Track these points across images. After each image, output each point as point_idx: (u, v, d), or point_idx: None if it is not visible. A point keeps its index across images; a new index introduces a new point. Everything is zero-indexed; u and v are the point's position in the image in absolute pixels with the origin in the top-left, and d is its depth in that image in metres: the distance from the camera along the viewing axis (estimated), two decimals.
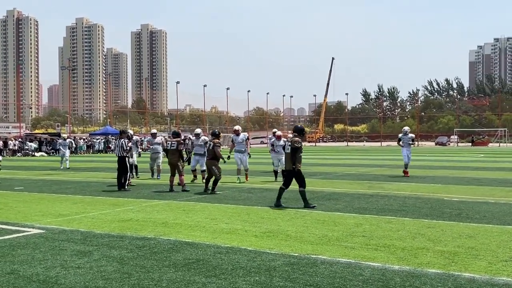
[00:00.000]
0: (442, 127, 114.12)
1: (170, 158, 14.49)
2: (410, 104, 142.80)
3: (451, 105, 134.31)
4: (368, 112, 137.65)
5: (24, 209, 11.08)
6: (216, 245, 7.20)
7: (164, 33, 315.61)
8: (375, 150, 56.66)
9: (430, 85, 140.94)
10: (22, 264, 6.26)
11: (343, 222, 9.03)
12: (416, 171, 21.71)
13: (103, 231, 8.37)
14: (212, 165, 13.79)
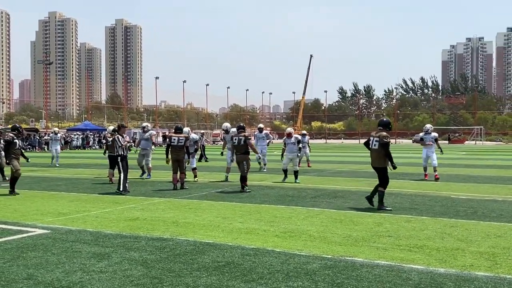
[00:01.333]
0: (418, 125, 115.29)
1: (176, 155, 13.90)
2: (385, 102, 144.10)
3: (426, 103, 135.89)
4: (345, 110, 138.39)
5: (19, 208, 10.49)
6: (240, 246, 6.79)
7: (139, 29, 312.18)
8: (357, 148, 56.70)
9: (405, 84, 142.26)
10: (38, 268, 5.77)
11: (361, 221, 8.71)
12: (408, 168, 21.61)
13: (113, 231, 7.89)
14: (244, 159, 13.29)
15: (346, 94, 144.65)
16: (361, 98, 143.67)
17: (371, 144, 10.47)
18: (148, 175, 16.87)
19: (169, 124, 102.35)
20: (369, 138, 10.65)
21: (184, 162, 13.88)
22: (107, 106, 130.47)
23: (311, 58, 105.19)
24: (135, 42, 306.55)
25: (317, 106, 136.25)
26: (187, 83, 78.20)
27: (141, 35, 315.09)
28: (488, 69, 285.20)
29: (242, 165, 13.29)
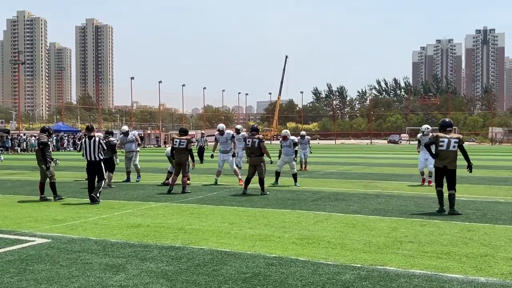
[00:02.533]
0: (391, 125, 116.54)
1: (178, 158, 13.43)
2: (359, 103, 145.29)
3: (398, 104, 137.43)
4: (319, 110, 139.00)
5: (9, 214, 9.91)
6: (260, 255, 6.42)
7: (110, 28, 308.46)
8: (335, 148, 56.84)
9: (378, 84, 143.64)
10: (50, 283, 5.30)
11: (375, 226, 8.42)
12: (394, 169, 21.52)
13: (119, 239, 7.43)
14: (260, 162, 12.93)
15: (320, 95, 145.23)
16: (334, 99, 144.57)
17: (447, 146, 10.03)
18: (138, 177, 16.33)
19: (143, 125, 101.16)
20: (437, 139, 10.13)
21: (186, 166, 13.40)
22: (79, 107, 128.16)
23: (286, 59, 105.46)
24: (106, 42, 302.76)
25: (291, 107, 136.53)
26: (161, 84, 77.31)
27: (112, 35, 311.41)
28: (457, 71, 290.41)
29: (259, 167, 12.88)
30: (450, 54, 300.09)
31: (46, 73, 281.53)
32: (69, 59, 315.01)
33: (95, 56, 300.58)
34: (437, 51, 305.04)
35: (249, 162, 13.14)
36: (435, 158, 10.30)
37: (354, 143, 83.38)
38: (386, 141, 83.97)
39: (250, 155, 13.11)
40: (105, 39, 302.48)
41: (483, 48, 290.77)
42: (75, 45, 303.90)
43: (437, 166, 10.25)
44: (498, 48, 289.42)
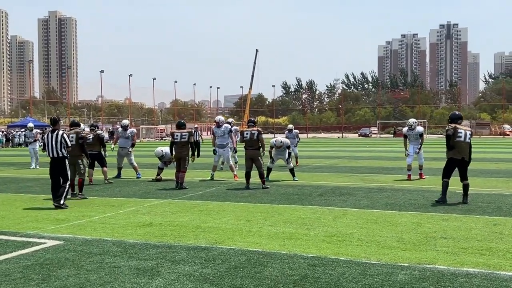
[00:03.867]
0: (359, 119, 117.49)
1: (178, 152, 12.92)
2: (328, 97, 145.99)
3: (366, 98, 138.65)
4: (288, 104, 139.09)
5: (7, 214, 9.29)
6: (297, 255, 6.07)
7: (74, 21, 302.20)
8: (310, 142, 56.89)
9: (347, 78, 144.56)
10: None
11: (397, 222, 8.17)
12: (381, 162, 21.44)
13: (137, 240, 6.97)
14: (258, 155, 12.61)
15: (289, 89, 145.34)
16: (303, 93, 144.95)
17: (465, 137, 10.10)
18: (138, 174, 15.67)
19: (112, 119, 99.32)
20: (455, 130, 10.14)
21: (186, 160, 12.92)
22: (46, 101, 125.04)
23: (256, 52, 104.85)
24: (70, 35, 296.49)
25: (261, 101, 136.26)
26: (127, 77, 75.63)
27: (76, 28, 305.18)
28: (422, 65, 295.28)
29: (258, 161, 12.57)
30: (415, 49, 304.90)
31: (8, 67, 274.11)
32: (32, 52, 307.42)
33: (59, 49, 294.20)
34: (402, 46, 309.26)
35: (247, 155, 12.77)
36: (451, 150, 10.23)
37: (325, 137, 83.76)
38: (357, 135, 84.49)
39: (248, 148, 12.75)
40: (68, 32, 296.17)
41: (447, 42, 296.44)
42: (38, 38, 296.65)
43: (454, 158, 10.23)
44: (461, 42, 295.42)
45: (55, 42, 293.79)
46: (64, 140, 10.12)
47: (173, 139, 13.04)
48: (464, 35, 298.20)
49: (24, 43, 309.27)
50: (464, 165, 10.16)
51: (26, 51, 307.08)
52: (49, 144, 10.11)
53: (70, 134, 11.43)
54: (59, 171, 10.09)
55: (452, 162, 10.27)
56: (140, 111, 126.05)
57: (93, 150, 13.93)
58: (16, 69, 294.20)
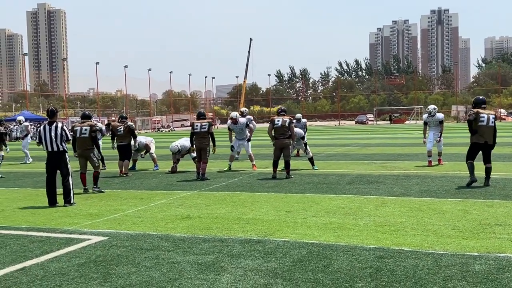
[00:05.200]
0: (354, 106, 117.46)
1: (199, 142, 12.69)
2: (322, 85, 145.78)
3: (360, 85, 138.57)
4: (282, 93, 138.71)
5: (37, 210, 9.00)
6: (359, 247, 5.85)
7: (63, 13, 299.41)
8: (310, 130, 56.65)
9: (340, 66, 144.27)
10: None
11: (441, 209, 7.97)
12: (394, 149, 21.29)
13: (183, 234, 6.73)
14: (289, 144, 12.43)
15: (283, 77, 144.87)
16: (297, 81, 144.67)
17: (487, 121, 10.22)
18: (156, 166, 15.42)
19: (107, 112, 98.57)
20: (478, 115, 10.29)
21: (207, 151, 12.68)
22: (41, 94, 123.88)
23: (250, 41, 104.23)
24: (60, 27, 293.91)
25: (255, 90, 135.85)
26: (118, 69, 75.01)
27: (65, 20, 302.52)
28: (413, 51, 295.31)
29: (287, 150, 12.36)
30: (406, 35, 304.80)
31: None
32: (21, 46, 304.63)
33: (49, 42, 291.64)
34: (393, 32, 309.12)
35: (277, 144, 12.51)
36: (474, 134, 10.38)
37: (322, 125, 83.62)
38: (354, 122, 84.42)
39: (278, 137, 12.48)
40: (58, 24, 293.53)
41: (438, 28, 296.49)
42: (27, 31, 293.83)
43: (477, 142, 10.37)
44: (452, 28, 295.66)
45: (44, 35, 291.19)
46: (64, 133, 9.45)
47: (193, 130, 12.79)
48: (455, 20, 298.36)
49: (13, 36, 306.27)
50: (487, 149, 10.31)
51: (16, 44, 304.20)
52: (47, 137, 9.38)
53: (84, 127, 11.12)
54: (58, 165, 9.43)
55: (475, 146, 10.40)
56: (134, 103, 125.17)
57: (123, 142, 13.80)
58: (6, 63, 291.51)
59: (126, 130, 13.92)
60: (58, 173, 9.55)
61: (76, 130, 11.07)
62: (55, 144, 9.37)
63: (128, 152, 13.93)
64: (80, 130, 11.05)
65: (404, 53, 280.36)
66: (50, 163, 9.47)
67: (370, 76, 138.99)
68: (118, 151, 14.16)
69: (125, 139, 13.94)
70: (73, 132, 10.92)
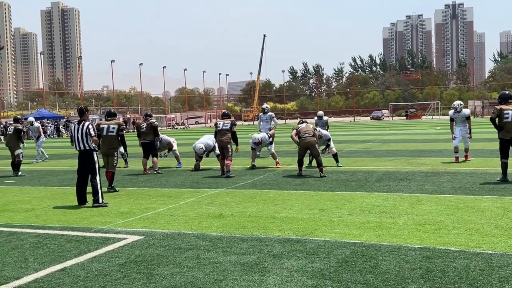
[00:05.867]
0: (368, 102, 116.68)
1: (220, 140, 12.74)
2: (335, 81, 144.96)
3: (374, 81, 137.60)
4: (295, 89, 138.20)
5: (68, 209, 8.96)
6: (404, 246, 5.70)
7: (77, 11, 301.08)
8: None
9: (354, 62, 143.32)
10: None
11: (480, 207, 7.79)
12: (417, 145, 21.05)
13: (219, 233, 6.63)
14: (316, 143, 12.27)
15: (296, 74, 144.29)
16: (311, 77, 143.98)
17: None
18: (179, 163, 15.39)
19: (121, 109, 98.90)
20: (501, 111, 10.31)
21: (229, 149, 12.65)
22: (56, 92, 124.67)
23: (264, 38, 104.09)
24: (73, 26, 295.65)
25: (268, 86, 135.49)
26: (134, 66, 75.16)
27: (79, 18, 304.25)
28: (427, 46, 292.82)
29: (313, 149, 12.22)
30: (420, 30, 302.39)
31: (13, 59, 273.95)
32: (36, 44, 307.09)
33: (63, 41, 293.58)
34: (407, 27, 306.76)
35: (301, 143, 12.37)
36: (500, 130, 10.39)
37: (337, 121, 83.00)
38: (369, 118, 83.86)
39: (304, 134, 12.37)
40: (71, 22, 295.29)
41: (452, 22, 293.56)
42: (41, 30, 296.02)
43: (503, 138, 10.39)
44: (467, 22, 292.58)
45: (58, 33, 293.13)
46: (88, 132, 9.24)
47: (216, 129, 12.96)
48: (469, 14, 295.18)
49: (28, 35, 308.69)
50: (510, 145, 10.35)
51: (30, 43, 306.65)
52: (77, 136, 9.28)
53: (111, 125, 11.06)
54: (86, 165, 9.28)
55: (502, 143, 10.44)
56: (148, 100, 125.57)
57: (146, 139, 13.79)
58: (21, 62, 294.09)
59: (148, 127, 13.90)
60: None
61: (103, 128, 11.01)
62: (81, 143, 9.26)
63: (152, 149, 13.88)
64: (108, 129, 10.99)
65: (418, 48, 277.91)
66: (80, 162, 9.37)
67: (385, 72, 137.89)
68: (142, 149, 14.13)
69: (148, 136, 13.92)
70: (98, 130, 10.80)
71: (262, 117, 18.24)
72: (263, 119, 18.30)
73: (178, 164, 15.36)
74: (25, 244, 6.39)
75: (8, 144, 15.16)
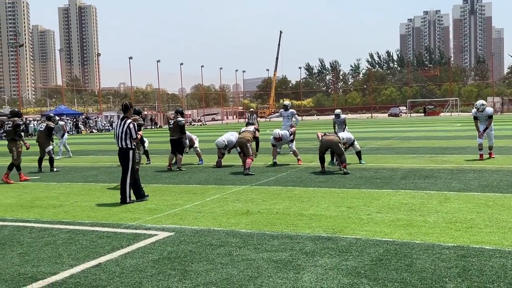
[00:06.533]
0: (385, 98, 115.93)
1: (240, 138, 12.95)
2: (352, 77, 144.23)
3: (392, 77, 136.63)
4: (312, 86, 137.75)
5: (96, 205, 9.03)
6: (435, 244, 5.67)
7: (94, 8, 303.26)
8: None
9: (371, 58, 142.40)
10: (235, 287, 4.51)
11: (509, 205, 7.72)
12: (439, 142, 20.88)
13: (249, 230, 6.63)
14: (338, 142, 12.23)
15: (312, 70, 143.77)
16: (327, 74, 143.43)
17: None
18: (200, 160, 15.51)
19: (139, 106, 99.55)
20: None
21: (248, 147, 12.72)
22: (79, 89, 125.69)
23: (280, 34, 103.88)
24: (90, 23, 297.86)
25: (285, 83, 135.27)
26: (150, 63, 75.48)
27: (96, 16, 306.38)
28: (445, 42, 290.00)
29: (336, 148, 12.17)
30: (438, 25, 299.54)
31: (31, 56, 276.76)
32: (53, 41, 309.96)
33: (80, 38, 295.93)
34: (424, 23, 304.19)
35: (323, 141, 12.34)
36: None
37: (354, 118, 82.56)
38: (387, 115, 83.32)
39: (325, 134, 12.39)
40: (89, 20, 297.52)
41: (471, 18, 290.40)
42: (59, 27, 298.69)
43: None
44: (486, 17, 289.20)
45: (76, 31, 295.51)
46: (129, 131, 9.06)
47: (240, 130, 13.56)
48: (488, 10, 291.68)
49: (45, 32, 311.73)
50: None
51: (48, 40, 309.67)
52: (118, 132, 9.15)
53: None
54: (122, 162, 9.12)
55: None
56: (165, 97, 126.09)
57: (173, 136, 13.87)
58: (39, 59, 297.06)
59: (175, 124, 13.95)
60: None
61: None
62: (120, 140, 9.14)
63: (178, 146, 13.92)
64: None
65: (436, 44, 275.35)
66: (119, 159, 9.25)
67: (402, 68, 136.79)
68: (170, 144, 14.25)
69: (175, 134, 13.98)
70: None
71: (284, 114, 18.29)
72: (284, 116, 18.31)
73: (200, 160, 15.43)
74: (57, 240, 6.46)
75: (38, 140, 15.35)
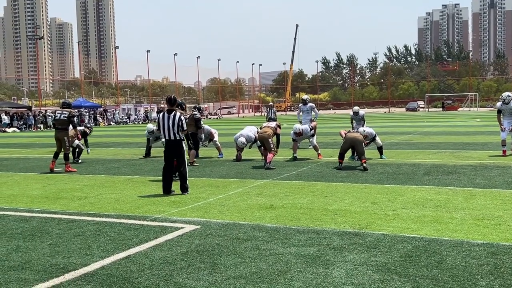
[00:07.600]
0: (403, 93, 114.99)
1: (261, 133, 12.96)
2: (369, 71, 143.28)
3: (409, 71, 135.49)
4: (328, 80, 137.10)
5: (120, 197, 9.09)
6: (463, 241, 5.63)
7: (112, 1, 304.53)
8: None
9: (389, 52, 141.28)
10: (265, 280, 4.52)
11: None
12: (460, 138, 20.69)
13: (275, 224, 6.64)
14: (362, 141, 12.18)
15: (329, 64, 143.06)
16: (344, 67, 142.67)
17: None
18: (220, 154, 15.58)
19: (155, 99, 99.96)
20: None
21: (269, 142, 12.74)
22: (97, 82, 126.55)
23: (296, 27, 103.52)
24: (108, 16, 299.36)
25: (301, 77, 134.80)
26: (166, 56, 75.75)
27: (113, 8, 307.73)
28: (464, 36, 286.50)
29: (359, 147, 12.07)
30: (457, 19, 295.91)
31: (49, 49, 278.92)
32: (71, 34, 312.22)
33: (97, 30, 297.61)
34: (443, 16, 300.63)
35: (347, 138, 12.29)
36: None
37: (372, 112, 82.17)
38: (404, 109, 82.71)
39: (350, 130, 12.38)
40: (106, 12, 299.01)
41: (490, 12, 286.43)
42: (77, 20, 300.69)
43: None
44: (506, 11, 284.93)
45: (93, 23, 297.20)
46: (181, 123, 9.24)
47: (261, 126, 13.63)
48: (508, 3, 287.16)
49: (63, 24, 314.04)
50: None
51: (66, 32, 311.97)
52: (165, 125, 9.24)
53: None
54: (175, 154, 9.30)
55: None
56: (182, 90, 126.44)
57: (189, 130, 13.84)
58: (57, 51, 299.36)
59: (190, 118, 13.92)
60: None
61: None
62: (172, 133, 9.23)
63: (193, 140, 13.91)
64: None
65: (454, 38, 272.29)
66: (167, 151, 9.35)
67: (420, 62, 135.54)
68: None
69: (190, 128, 13.88)
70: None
71: (303, 108, 18.28)
72: (303, 110, 18.30)
73: (219, 154, 15.48)
74: (86, 231, 6.53)
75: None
